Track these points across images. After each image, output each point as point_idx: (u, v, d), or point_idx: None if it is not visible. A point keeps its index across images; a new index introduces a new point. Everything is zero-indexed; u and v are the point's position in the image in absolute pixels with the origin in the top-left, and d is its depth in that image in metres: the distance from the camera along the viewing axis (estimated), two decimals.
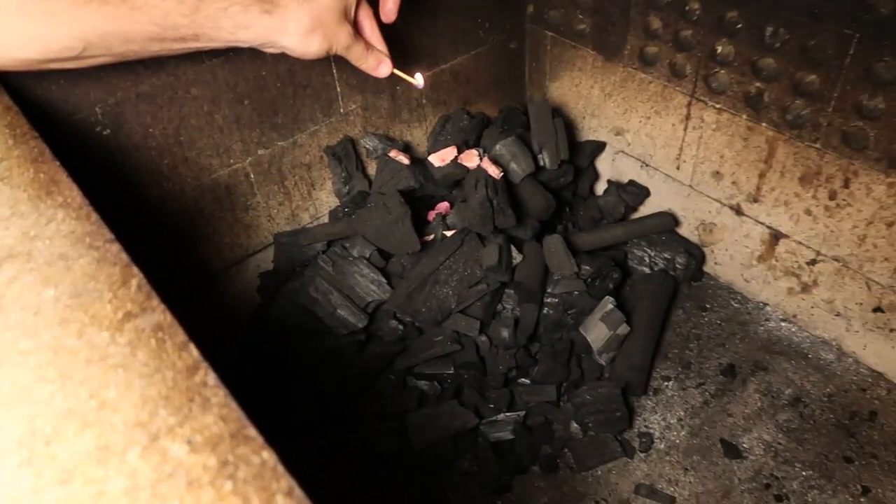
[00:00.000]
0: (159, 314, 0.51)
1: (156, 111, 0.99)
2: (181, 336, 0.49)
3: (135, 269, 0.55)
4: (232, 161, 1.12)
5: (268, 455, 0.41)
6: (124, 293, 0.53)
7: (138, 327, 0.50)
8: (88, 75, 0.90)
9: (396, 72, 1.00)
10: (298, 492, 0.39)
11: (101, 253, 0.57)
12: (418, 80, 1.06)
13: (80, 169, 0.68)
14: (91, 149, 0.95)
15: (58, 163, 0.68)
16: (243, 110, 1.09)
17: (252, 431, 0.43)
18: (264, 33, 0.82)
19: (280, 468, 0.40)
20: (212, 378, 0.46)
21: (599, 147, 1.48)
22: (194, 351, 0.48)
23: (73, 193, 0.64)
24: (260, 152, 1.15)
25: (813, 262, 1.20)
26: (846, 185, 1.07)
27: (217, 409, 0.44)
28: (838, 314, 1.22)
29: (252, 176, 1.16)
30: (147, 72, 0.95)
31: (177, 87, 1.00)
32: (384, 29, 0.97)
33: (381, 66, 0.97)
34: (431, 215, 1.30)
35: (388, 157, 1.26)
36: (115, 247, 0.58)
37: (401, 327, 1.17)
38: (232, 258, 1.22)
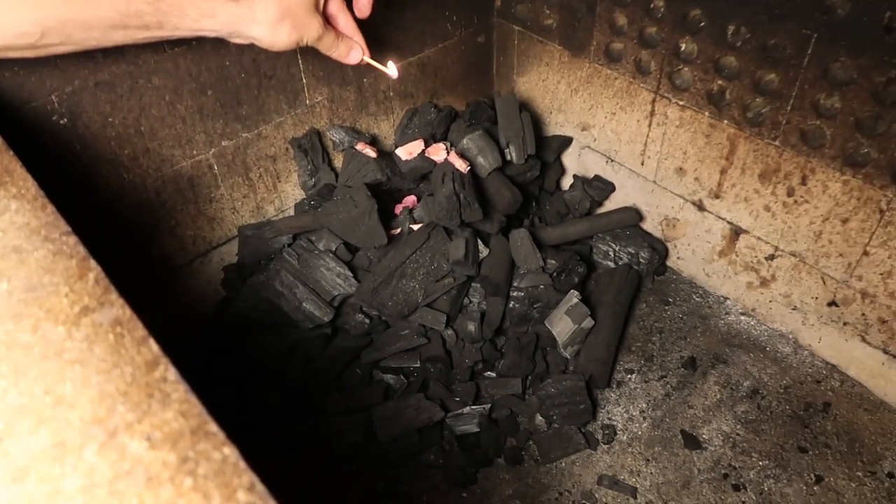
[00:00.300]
0: (118, 308, 0.50)
1: (115, 100, 0.96)
2: (140, 331, 0.48)
3: (92, 263, 0.54)
4: (195, 152, 1.10)
5: (229, 451, 0.41)
6: (81, 287, 0.52)
7: (96, 322, 0.49)
8: (45, 63, 0.87)
9: (369, 60, 0.99)
10: (260, 487, 0.39)
11: (58, 246, 0.55)
12: (391, 69, 1.05)
13: (36, 159, 0.66)
14: (47, 138, 0.92)
15: (11, 152, 0.66)
16: (206, 101, 1.07)
17: (213, 427, 0.42)
18: (231, 22, 0.80)
19: (241, 464, 0.40)
20: (172, 373, 0.45)
21: (566, 142, 1.49)
22: (154, 346, 0.47)
23: (28, 184, 0.62)
24: (224, 144, 1.13)
25: (771, 258, 1.23)
26: (804, 182, 1.10)
27: (177, 404, 0.43)
28: (795, 308, 1.25)
29: (216, 167, 1.14)
30: (106, 60, 0.93)
31: (137, 76, 0.97)
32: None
33: (351, 52, 0.96)
34: (398, 209, 1.30)
35: (355, 149, 1.25)
36: (72, 239, 0.56)
37: (367, 321, 1.17)
38: (195, 251, 1.20)
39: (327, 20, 0.91)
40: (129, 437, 0.42)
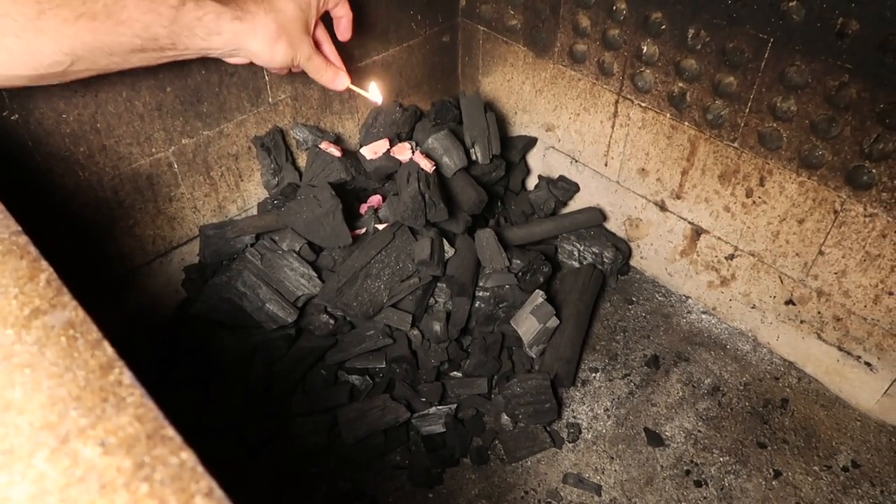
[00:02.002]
0: (70, 310, 0.49)
1: (70, 96, 0.94)
2: (94, 333, 0.47)
3: (44, 263, 0.52)
4: (154, 150, 1.08)
5: (187, 455, 0.40)
6: (32, 288, 0.50)
7: (47, 324, 0.47)
8: None
9: (353, 87, 1.07)
10: (218, 492, 0.38)
11: (7, 246, 0.54)
12: (374, 94, 1.11)
13: None
14: None
15: None
16: (165, 97, 1.05)
17: (170, 431, 0.41)
18: (234, 39, 0.88)
19: (199, 468, 0.39)
20: (127, 377, 0.44)
21: (531, 142, 1.50)
22: (108, 348, 0.46)
23: None
24: (184, 141, 1.11)
25: (731, 257, 1.25)
26: (762, 183, 1.12)
27: (133, 408, 0.42)
28: (754, 307, 1.28)
29: (176, 166, 1.12)
30: None
31: None
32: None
33: (337, 78, 1.04)
34: (363, 208, 1.29)
35: (319, 148, 1.24)
36: (23, 239, 0.54)
37: (332, 322, 1.16)
38: (155, 251, 1.17)
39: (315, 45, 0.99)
40: (81, 443, 0.40)
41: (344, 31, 1.07)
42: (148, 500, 0.37)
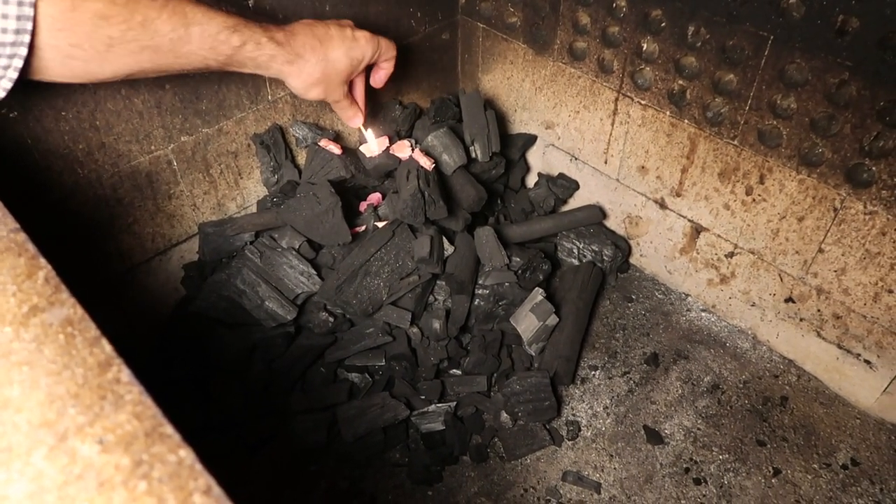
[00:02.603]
0: (69, 308, 0.48)
1: (69, 93, 0.93)
2: (93, 331, 0.47)
3: (42, 261, 0.52)
4: (153, 147, 1.07)
5: (185, 453, 0.40)
6: (30, 286, 0.50)
7: (45, 322, 0.47)
8: None
9: (362, 128, 1.18)
10: (217, 490, 0.38)
11: (5, 243, 0.53)
12: (371, 143, 1.22)
13: None
14: None
15: None
16: (164, 95, 1.04)
17: (168, 429, 0.41)
18: (279, 74, 0.95)
19: (198, 466, 0.39)
20: (125, 374, 0.44)
21: (530, 140, 1.50)
22: (107, 346, 0.46)
23: None
24: (183, 139, 1.11)
25: (731, 255, 1.25)
26: (761, 180, 1.12)
27: (131, 406, 0.42)
28: (754, 304, 1.28)
29: (175, 163, 1.12)
30: None
31: None
32: None
33: (355, 118, 1.13)
34: (363, 206, 1.28)
35: (319, 146, 1.24)
36: (21, 237, 0.54)
37: (331, 319, 1.15)
38: (154, 248, 1.17)
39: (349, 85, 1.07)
40: (79, 441, 0.40)
41: (379, 81, 1.14)
42: (146, 497, 0.37)
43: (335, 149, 1.23)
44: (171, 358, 1.16)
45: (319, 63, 0.96)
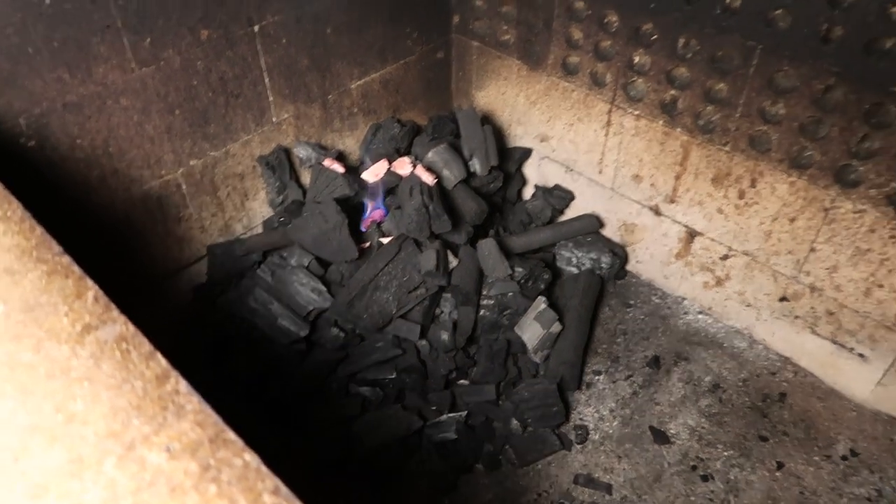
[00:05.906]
0: (121, 325, 0.51)
1: (83, 122, 0.96)
2: (147, 346, 0.49)
3: (89, 282, 0.54)
4: (163, 172, 1.10)
5: (250, 457, 0.42)
6: (80, 306, 0.52)
7: (100, 339, 0.50)
8: (12, 85, 0.86)
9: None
10: (285, 490, 0.40)
11: (51, 266, 0.56)
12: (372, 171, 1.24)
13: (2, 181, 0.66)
14: (14, 161, 0.90)
15: None
16: (174, 120, 1.07)
17: (231, 435, 0.43)
18: None
19: (263, 468, 0.41)
20: (184, 386, 0.46)
21: (526, 153, 1.53)
22: (162, 360, 0.48)
23: (13, 206, 0.62)
24: (192, 163, 1.13)
25: (725, 258, 1.29)
26: (753, 184, 1.16)
27: (192, 415, 0.44)
28: (749, 305, 1.32)
29: (184, 187, 1.14)
30: (74, 81, 0.93)
31: (105, 97, 0.97)
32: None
33: None
34: (366, 223, 1.31)
35: (323, 165, 1.26)
36: (66, 259, 0.56)
37: (342, 334, 1.17)
38: (164, 271, 1.19)
39: None
40: (147, 449, 0.42)
41: None
42: (217, 500, 0.40)
43: (339, 168, 1.26)
44: (185, 376, 1.17)
45: None
